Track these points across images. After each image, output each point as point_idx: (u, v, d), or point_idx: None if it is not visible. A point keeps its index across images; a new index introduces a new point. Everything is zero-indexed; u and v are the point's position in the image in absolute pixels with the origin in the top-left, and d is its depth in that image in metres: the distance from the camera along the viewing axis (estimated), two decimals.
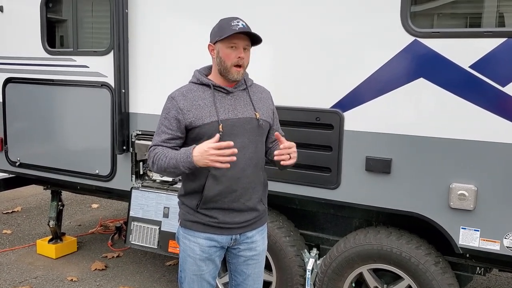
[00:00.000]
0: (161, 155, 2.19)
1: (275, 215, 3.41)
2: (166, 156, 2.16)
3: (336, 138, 2.96)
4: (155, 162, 2.22)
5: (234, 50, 2.20)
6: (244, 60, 2.22)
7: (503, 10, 2.71)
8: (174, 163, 2.13)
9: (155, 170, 2.25)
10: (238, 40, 2.19)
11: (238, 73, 2.22)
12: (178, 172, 2.17)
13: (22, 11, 4.16)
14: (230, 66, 2.21)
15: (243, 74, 2.26)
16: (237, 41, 2.19)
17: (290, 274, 3.29)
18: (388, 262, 2.97)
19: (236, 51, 2.20)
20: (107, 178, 3.88)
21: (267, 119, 2.36)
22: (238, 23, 2.17)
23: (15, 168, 4.38)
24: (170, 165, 2.15)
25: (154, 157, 2.22)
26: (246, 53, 2.23)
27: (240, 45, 2.19)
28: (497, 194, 2.61)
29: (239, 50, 2.19)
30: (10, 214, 6.16)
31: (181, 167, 2.11)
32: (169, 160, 2.15)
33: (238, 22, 2.18)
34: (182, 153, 2.12)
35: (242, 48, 2.20)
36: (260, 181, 2.34)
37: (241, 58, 2.20)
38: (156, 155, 2.21)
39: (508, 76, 2.51)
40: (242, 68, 2.23)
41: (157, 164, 2.20)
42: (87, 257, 4.79)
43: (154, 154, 2.23)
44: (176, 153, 2.15)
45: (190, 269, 2.32)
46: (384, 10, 2.76)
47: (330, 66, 2.95)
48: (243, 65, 2.23)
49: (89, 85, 3.85)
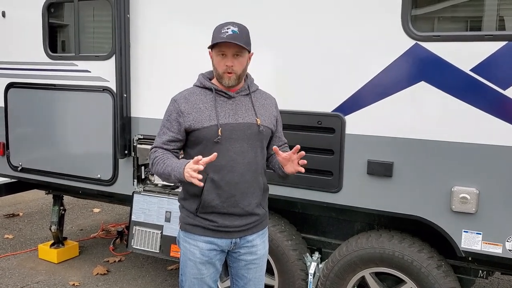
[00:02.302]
0: (160, 159, 2.22)
1: (277, 219, 3.41)
2: (164, 162, 2.19)
3: (337, 141, 2.97)
4: (154, 164, 2.26)
5: (223, 58, 2.20)
6: (235, 67, 2.20)
7: (504, 14, 2.71)
8: (169, 171, 2.15)
9: (153, 172, 2.29)
10: (226, 48, 2.18)
11: (229, 79, 2.22)
12: (171, 180, 2.20)
13: (24, 16, 4.17)
14: (222, 73, 2.22)
15: (236, 80, 2.24)
16: (225, 49, 2.18)
17: (292, 278, 3.29)
18: (390, 266, 2.97)
19: (225, 59, 2.20)
20: (109, 182, 3.88)
21: (269, 125, 2.36)
22: (228, 30, 2.16)
23: (17, 172, 4.39)
24: (165, 172, 2.18)
25: (154, 159, 2.25)
26: (238, 60, 2.21)
27: (229, 53, 2.19)
28: (499, 197, 2.60)
29: (227, 58, 2.19)
30: (12, 219, 6.16)
31: (173, 177, 2.15)
32: (165, 167, 2.18)
33: (228, 29, 2.16)
34: (178, 165, 2.13)
35: (231, 56, 2.19)
36: (259, 186, 2.34)
37: (229, 67, 2.19)
38: (156, 158, 2.24)
39: (509, 79, 2.51)
40: (234, 74, 2.22)
41: (155, 168, 2.24)
42: (89, 262, 4.78)
43: (154, 156, 2.26)
44: (173, 162, 2.17)
45: (191, 273, 2.33)
46: (385, 14, 2.77)
47: (332, 70, 2.95)
48: (234, 71, 2.21)
49: (90, 90, 3.86)
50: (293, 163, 2.24)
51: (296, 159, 2.22)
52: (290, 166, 2.27)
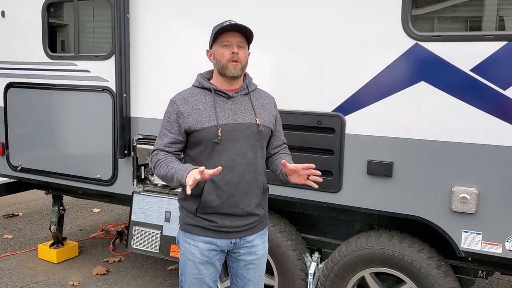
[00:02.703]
0: (163, 162, 2.20)
1: (277, 219, 3.40)
2: (168, 165, 2.18)
3: (337, 141, 2.96)
4: (156, 167, 2.24)
5: (228, 47, 2.21)
6: (240, 55, 2.21)
7: (504, 14, 2.71)
8: (172, 174, 2.13)
9: (155, 174, 2.27)
10: (230, 38, 2.20)
11: (235, 67, 2.21)
12: (173, 184, 2.18)
13: (23, 16, 4.17)
14: (227, 62, 2.21)
15: (241, 70, 2.24)
16: (229, 38, 2.20)
17: (292, 278, 3.28)
18: (390, 266, 2.97)
19: (230, 48, 2.20)
20: (109, 182, 3.88)
21: (268, 125, 2.35)
22: (229, 21, 2.20)
23: (17, 172, 4.38)
24: (168, 175, 2.16)
25: (157, 162, 2.24)
26: (242, 50, 2.23)
27: (233, 42, 2.20)
28: (499, 197, 2.60)
29: (232, 46, 2.20)
30: (11, 219, 6.16)
31: (175, 181, 2.13)
32: (169, 169, 2.16)
33: (229, 21, 2.21)
34: (182, 168, 2.11)
35: (235, 45, 2.20)
36: (259, 186, 2.33)
37: (235, 53, 2.20)
38: (158, 161, 2.23)
39: (509, 79, 2.51)
40: (239, 63, 2.22)
41: (158, 170, 2.23)
42: (89, 262, 4.78)
43: (157, 159, 2.25)
44: (177, 166, 2.15)
45: (190, 273, 2.32)
46: (385, 14, 2.77)
47: (331, 70, 2.95)
48: (239, 60, 2.21)
49: (90, 90, 3.86)
50: (300, 177, 2.21)
51: (305, 174, 2.19)
52: (296, 178, 2.23)
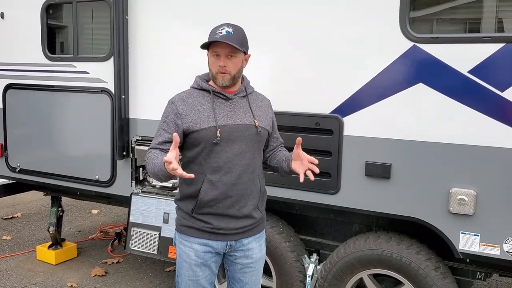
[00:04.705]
0: (150, 159, 2.20)
1: (275, 221, 3.40)
2: (153, 162, 2.16)
3: (335, 143, 2.97)
4: (147, 165, 2.24)
5: (217, 58, 2.20)
6: (228, 67, 2.20)
7: (502, 15, 2.71)
8: (159, 168, 2.10)
9: (148, 173, 2.27)
10: (219, 49, 2.18)
11: (223, 78, 2.22)
12: (162, 179, 2.16)
13: (22, 17, 4.17)
14: (216, 73, 2.22)
15: (231, 80, 2.23)
16: (218, 49, 2.18)
17: (290, 279, 3.28)
18: (388, 267, 2.97)
19: (218, 59, 2.20)
20: (107, 183, 3.88)
21: (266, 127, 2.36)
22: (222, 30, 2.16)
23: (15, 174, 4.38)
24: (155, 170, 2.14)
25: (147, 160, 2.24)
26: (232, 61, 2.20)
27: (222, 53, 2.19)
28: (497, 199, 2.60)
29: (220, 58, 2.19)
30: (10, 220, 6.15)
31: (161, 174, 2.11)
32: (154, 165, 2.14)
33: (223, 29, 2.17)
34: (160, 157, 2.10)
35: (224, 56, 2.19)
36: (256, 188, 2.33)
37: (221, 67, 2.19)
38: (148, 158, 2.23)
39: (507, 81, 2.51)
40: (227, 74, 2.21)
41: (148, 168, 2.22)
42: (87, 263, 4.78)
43: (147, 157, 2.25)
44: (160, 157, 2.13)
45: (186, 274, 2.33)
46: (383, 15, 2.77)
47: (330, 72, 2.96)
48: (228, 71, 2.21)
49: (89, 91, 3.86)
50: (302, 165, 2.25)
51: (307, 165, 2.23)
52: (298, 165, 2.27)
